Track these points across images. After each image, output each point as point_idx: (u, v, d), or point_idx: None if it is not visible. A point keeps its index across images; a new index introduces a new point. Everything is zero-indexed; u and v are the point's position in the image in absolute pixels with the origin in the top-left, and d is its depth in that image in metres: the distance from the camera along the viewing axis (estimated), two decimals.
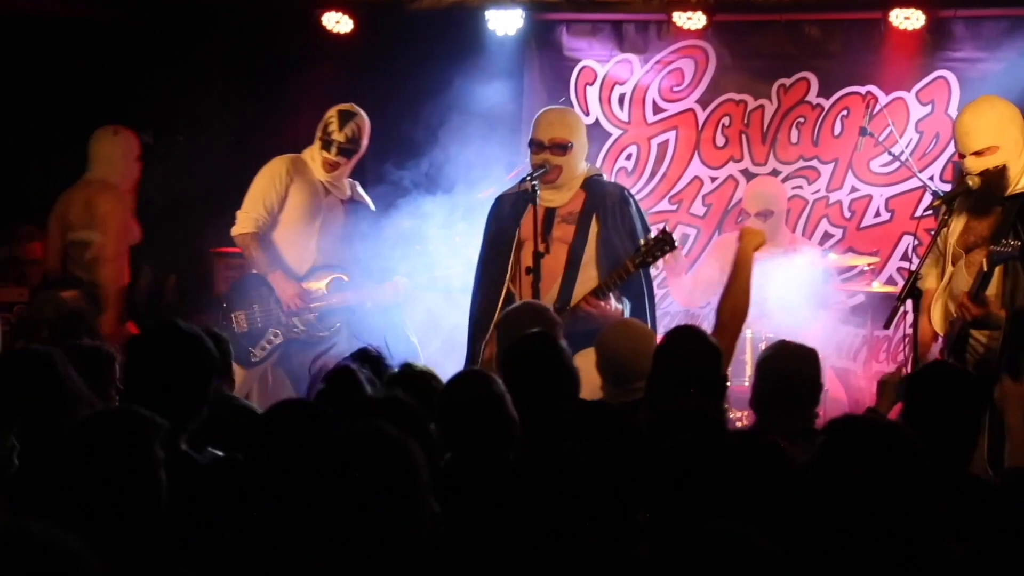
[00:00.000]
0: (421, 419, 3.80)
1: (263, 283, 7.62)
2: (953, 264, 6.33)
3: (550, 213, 6.70)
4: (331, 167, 7.62)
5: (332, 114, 7.63)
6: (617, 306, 6.50)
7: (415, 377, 4.55)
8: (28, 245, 8.04)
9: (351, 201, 7.80)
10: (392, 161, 8.64)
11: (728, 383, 5.10)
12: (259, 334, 7.58)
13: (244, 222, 7.61)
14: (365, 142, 7.73)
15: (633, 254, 6.47)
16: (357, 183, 7.90)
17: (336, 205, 7.72)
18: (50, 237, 7.98)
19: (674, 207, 9.06)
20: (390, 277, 7.73)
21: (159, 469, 3.11)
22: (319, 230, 7.66)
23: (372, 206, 7.92)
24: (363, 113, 7.72)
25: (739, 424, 7.12)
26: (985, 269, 5.97)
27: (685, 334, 4.99)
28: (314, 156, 7.68)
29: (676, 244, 6.46)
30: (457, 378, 4.38)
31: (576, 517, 3.40)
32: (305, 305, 7.58)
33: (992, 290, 6.08)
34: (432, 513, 3.02)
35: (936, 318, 6.37)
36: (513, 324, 5.52)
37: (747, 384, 7.71)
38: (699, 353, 4.78)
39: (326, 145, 7.60)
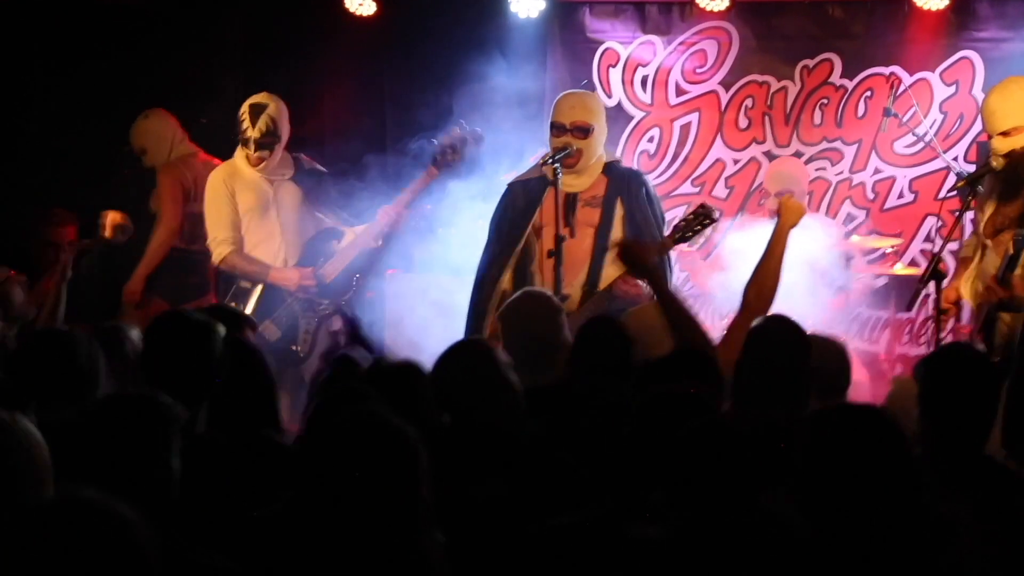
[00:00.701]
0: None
1: (271, 288, 7.65)
2: (983, 247, 6.32)
3: (572, 198, 6.69)
4: (257, 162, 7.64)
5: (244, 111, 7.60)
6: (648, 287, 6.48)
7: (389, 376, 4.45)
8: (60, 229, 8.09)
9: (299, 174, 7.78)
10: (414, 144, 8.66)
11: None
12: (293, 331, 7.60)
13: (219, 247, 7.66)
14: (285, 126, 7.67)
15: (673, 230, 6.42)
16: (300, 155, 7.86)
17: (285, 187, 7.72)
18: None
19: (696, 189, 9.04)
20: (372, 215, 7.69)
21: (173, 455, 3.15)
22: (278, 220, 7.68)
23: (322, 168, 7.91)
24: (275, 101, 7.66)
25: None
26: (1011, 252, 5.95)
27: (776, 325, 4.74)
28: (241, 155, 7.70)
29: (716, 218, 6.34)
30: (455, 347, 4.40)
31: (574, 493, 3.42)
32: (315, 282, 7.61)
33: (1019, 271, 6.06)
34: (431, 500, 3.03)
35: (966, 290, 6.37)
36: (517, 313, 5.49)
37: None
38: (789, 346, 4.57)
39: (244, 144, 7.61)
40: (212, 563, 3.11)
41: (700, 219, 6.30)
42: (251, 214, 7.67)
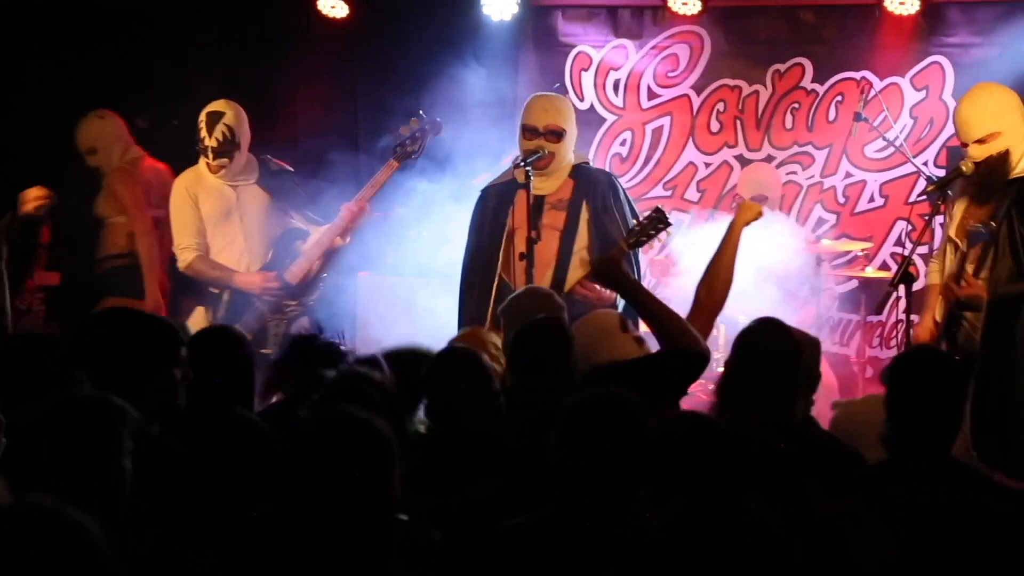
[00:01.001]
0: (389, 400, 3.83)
1: (238, 292, 7.64)
2: (955, 251, 6.33)
3: (539, 200, 6.71)
4: (216, 170, 7.64)
5: (201, 119, 7.60)
6: (610, 292, 6.51)
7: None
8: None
9: (265, 177, 7.76)
10: (387, 147, 8.66)
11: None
12: (263, 334, 7.60)
13: (184, 253, 7.67)
14: (244, 133, 7.64)
15: (627, 234, 6.45)
16: (267, 156, 7.84)
17: (249, 192, 7.71)
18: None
19: (668, 193, 9.07)
20: (336, 213, 7.68)
21: (125, 456, 3.16)
22: (241, 225, 7.67)
23: (289, 168, 7.90)
24: (233, 108, 7.63)
25: None
26: (964, 249, 6.00)
27: (765, 328, 4.72)
28: (203, 162, 7.69)
29: (670, 222, 6.35)
30: (444, 353, 4.42)
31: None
32: (278, 285, 7.60)
33: (984, 274, 6.09)
34: (400, 492, 3.06)
35: (941, 313, 6.36)
36: (519, 309, 5.50)
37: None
38: (777, 348, 4.57)
39: (203, 152, 7.60)
40: (166, 563, 3.12)
41: (655, 223, 6.29)
42: (214, 220, 7.67)
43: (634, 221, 6.57)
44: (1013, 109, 6.23)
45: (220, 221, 7.67)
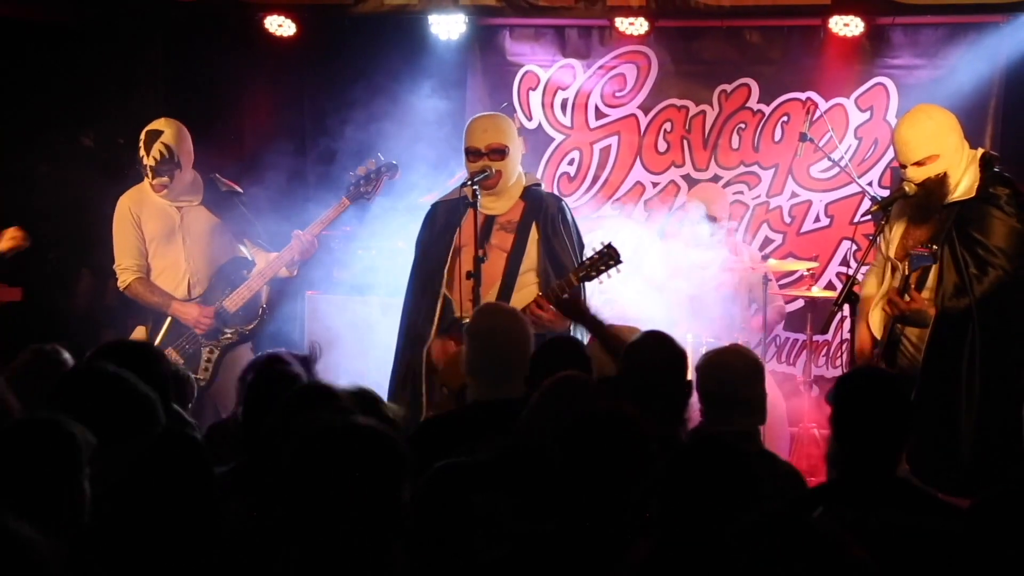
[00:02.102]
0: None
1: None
2: (892, 271, 6.38)
3: (489, 220, 6.70)
4: (159, 189, 7.59)
5: (141, 138, 7.54)
6: (560, 318, 6.53)
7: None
8: None
9: (211, 197, 7.69)
10: (335, 164, 8.65)
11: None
12: (196, 359, 7.55)
13: (124, 275, 7.61)
14: (185, 150, 7.56)
15: (577, 267, 6.48)
16: (215, 176, 7.77)
17: (193, 213, 7.64)
18: None
19: (616, 212, 9.10)
20: (283, 235, 7.65)
21: (84, 479, 3.13)
22: (183, 247, 7.61)
23: (238, 188, 7.84)
24: (173, 126, 7.55)
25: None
26: (906, 272, 6.05)
27: (652, 340, 4.92)
28: (147, 182, 7.64)
29: (621, 259, 6.43)
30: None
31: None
32: (211, 321, 7.54)
33: (926, 294, 6.14)
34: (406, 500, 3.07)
35: (875, 323, 6.41)
36: (485, 327, 5.48)
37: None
38: (665, 359, 4.74)
39: (143, 171, 7.57)
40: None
41: (605, 259, 6.36)
42: (156, 242, 7.61)
43: (587, 255, 6.60)
44: (951, 132, 6.27)
45: (162, 242, 7.61)
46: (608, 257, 6.34)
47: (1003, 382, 6.03)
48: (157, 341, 7.49)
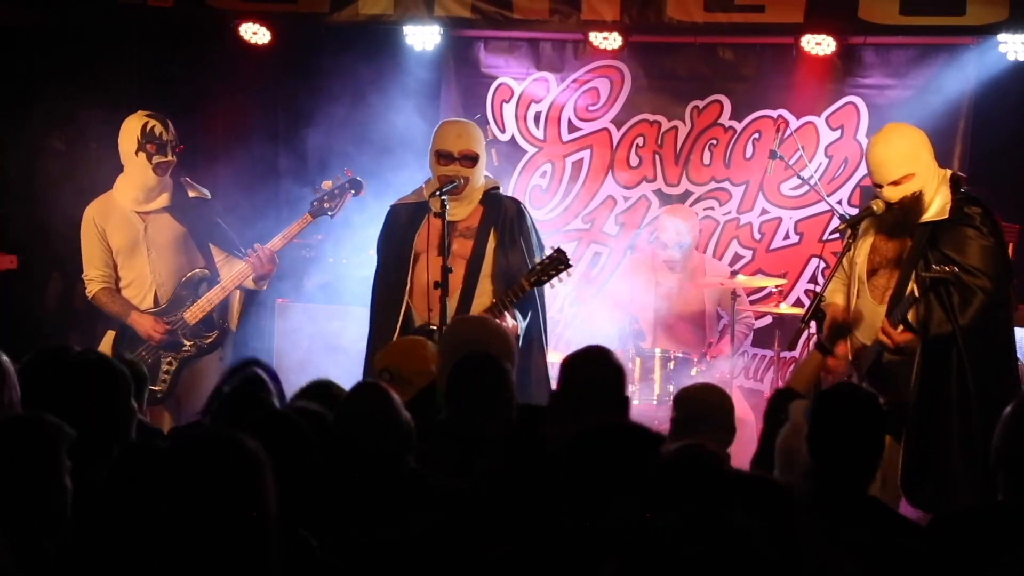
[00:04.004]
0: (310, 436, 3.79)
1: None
2: (858, 290, 6.39)
3: (448, 227, 6.69)
4: (164, 168, 7.55)
5: (150, 123, 7.51)
6: (513, 322, 6.56)
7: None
8: None
9: (178, 204, 7.67)
10: (308, 173, 8.66)
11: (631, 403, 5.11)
12: (155, 369, 7.52)
13: (91, 285, 7.61)
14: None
15: (528, 272, 6.52)
16: (185, 179, 7.76)
17: (158, 222, 7.62)
18: None
19: (587, 225, 9.14)
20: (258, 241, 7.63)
21: (64, 475, 3.13)
22: (148, 259, 7.59)
23: (205, 192, 7.83)
24: (160, 117, 7.60)
25: None
26: (918, 295, 6.01)
27: (590, 355, 4.96)
28: (133, 178, 7.57)
29: (571, 263, 6.49)
30: (356, 390, 4.42)
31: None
32: (168, 330, 7.51)
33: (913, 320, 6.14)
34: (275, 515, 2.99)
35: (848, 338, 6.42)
36: (459, 338, 5.49)
37: (654, 403, 7.83)
38: (603, 374, 4.78)
39: (160, 150, 7.53)
40: None
41: (555, 264, 6.43)
42: (122, 254, 7.58)
43: (537, 253, 6.64)
44: (924, 150, 6.29)
45: (128, 255, 7.58)
46: (558, 261, 6.44)
47: (992, 404, 6.05)
48: (106, 350, 7.43)
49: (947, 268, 5.93)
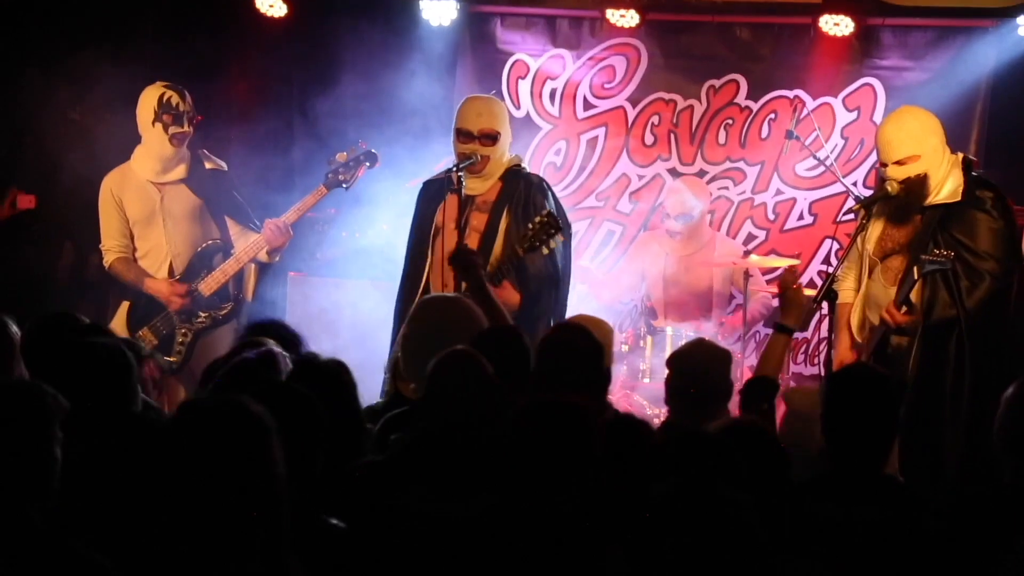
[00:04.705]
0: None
1: (151, 296, 7.58)
2: (870, 270, 6.40)
3: (468, 200, 6.69)
4: (181, 139, 7.57)
5: (167, 93, 7.53)
6: (513, 293, 6.55)
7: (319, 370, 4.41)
8: None
9: (195, 175, 7.69)
10: (323, 145, 8.65)
11: (610, 379, 5.11)
12: (169, 340, 7.54)
13: (108, 255, 7.65)
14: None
15: (519, 239, 6.50)
16: (203, 151, 7.78)
17: (175, 193, 7.64)
18: None
19: (601, 203, 9.12)
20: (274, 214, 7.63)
21: (55, 445, 3.15)
22: (164, 230, 7.60)
23: (222, 164, 7.84)
24: (176, 88, 7.64)
25: (656, 421, 7.17)
26: (916, 277, 6.02)
27: (568, 329, 5.00)
28: (150, 148, 7.60)
29: (561, 226, 6.44)
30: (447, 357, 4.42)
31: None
32: (185, 298, 7.54)
33: (912, 298, 6.17)
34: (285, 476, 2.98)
35: (854, 324, 6.44)
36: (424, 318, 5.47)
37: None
38: (581, 350, 4.76)
39: (177, 120, 7.54)
40: (87, 555, 3.10)
41: (546, 228, 6.40)
42: (139, 224, 7.62)
43: (526, 225, 6.60)
44: (933, 134, 6.31)
45: (144, 225, 7.61)
46: (549, 226, 6.40)
47: (990, 390, 6.06)
48: (120, 322, 7.48)
49: (946, 253, 5.95)
